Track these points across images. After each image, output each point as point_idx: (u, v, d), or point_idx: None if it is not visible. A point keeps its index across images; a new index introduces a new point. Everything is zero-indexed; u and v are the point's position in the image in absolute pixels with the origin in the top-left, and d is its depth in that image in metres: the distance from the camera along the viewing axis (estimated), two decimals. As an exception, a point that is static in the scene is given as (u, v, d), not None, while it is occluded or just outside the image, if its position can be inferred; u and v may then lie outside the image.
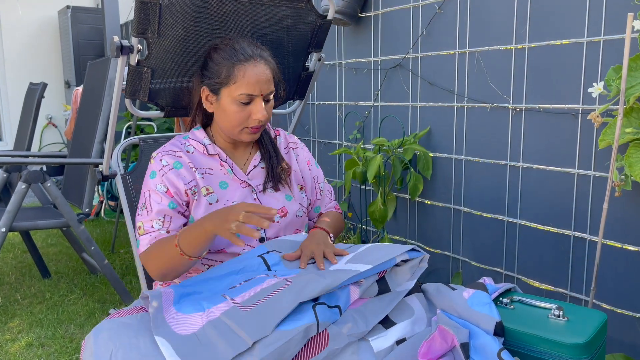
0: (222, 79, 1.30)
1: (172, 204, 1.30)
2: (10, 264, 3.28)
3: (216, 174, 1.36)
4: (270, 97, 1.33)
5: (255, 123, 1.31)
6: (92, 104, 2.81)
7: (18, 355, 2.13)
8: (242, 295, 1.10)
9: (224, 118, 1.32)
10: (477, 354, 1.04)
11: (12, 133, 6.09)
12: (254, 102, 1.30)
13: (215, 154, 1.38)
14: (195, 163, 1.35)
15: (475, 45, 2.04)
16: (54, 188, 2.48)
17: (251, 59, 1.29)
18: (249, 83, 1.27)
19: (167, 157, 1.34)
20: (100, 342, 1.06)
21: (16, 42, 6.02)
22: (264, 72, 1.29)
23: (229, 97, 1.30)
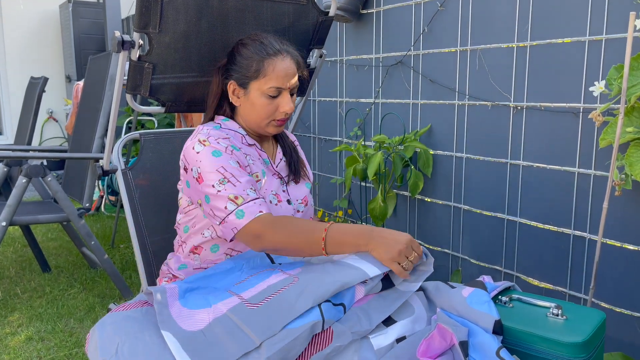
0: (252, 72, 1.33)
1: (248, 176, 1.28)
2: (11, 257, 3.28)
3: (256, 163, 1.39)
4: (295, 90, 1.38)
5: (282, 115, 1.35)
6: (93, 98, 2.81)
7: (18, 349, 2.14)
8: (248, 291, 1.10)
9: (252, 111, 1.35)
10: (476, 352, 1.04)
11: (13, 127, 6.09)
12: (281, 95, 1.34)
13: (253, 144, 1.41)
14: (243, 149, 1.37)
15: (476, 43, 2.04)
16: (55, 182, 2.48)
17: (279, 53, 1.33)
18: (278, 76, 1.31)
19: (223, 141, 1.31)
20: (105, 336, 1.07)
21: (17, 36, 6.01)
22: (291, 66, 1.34)
23: (258, 91, 1.33)
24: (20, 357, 2.08)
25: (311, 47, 1.70)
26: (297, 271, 1.15)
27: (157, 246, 1.60)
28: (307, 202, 1.46)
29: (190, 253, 1.40)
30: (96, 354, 1.06)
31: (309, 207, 1.48)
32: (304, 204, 1.45)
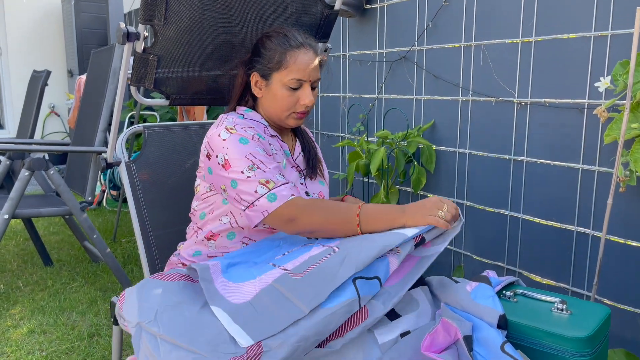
0: (274, 64, 1.34)
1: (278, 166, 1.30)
2: (13, 251, 3.29)
3: (278, 154, 1.40)
4: (317, 84, 1.39)
5: (303, 108, 1.36)
6: (96, 92, 2.80)
7: (20, 342, 2.14)
8: (291, 262, 1.12)
9: (273, 103, 1.37)
10: (480, 346, 1.04)
11: (15, 121, 6.09)
12: (302, 88, 1.35)
13: (275, 136, 1.42)
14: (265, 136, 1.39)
15: (481, 39, 2.04)
16: (57, 176, 2.48)
17: (302, 46, 1.34)
18: (300, 69, 1.33)
19: (249, 129, 1.33)
20: (145, 298, 1.09)
21: (19, 31, 6.00)
22: (313, 59, 1.35)
23: (279, 82, 1.34)
24: (22, 349, 2.08)
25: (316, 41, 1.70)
26: (336, 242, 1.16)
27: (160, 240, 1.60)
28: (324, 197, 1.48)
29: (205, 239, 1.40)
30: (133, 314, 1.08)
31: None
32: (321, 196, 1.47)
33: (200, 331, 1.01)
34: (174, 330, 1.00)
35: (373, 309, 1.03)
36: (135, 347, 1.05)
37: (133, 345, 1.05)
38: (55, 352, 2.06)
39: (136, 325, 1.06)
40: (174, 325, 1.01)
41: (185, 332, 0.99)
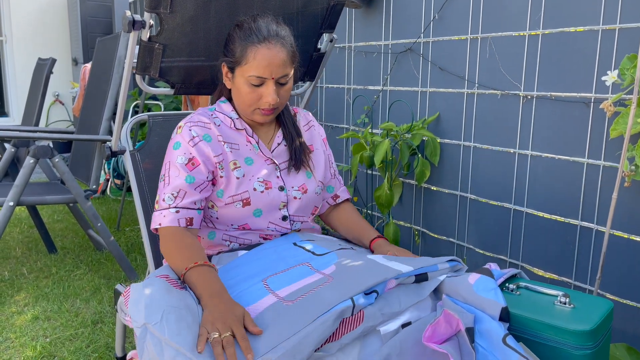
0: (236, 58, 1.30)
1: (190, 178, 1.29)
2: (17, 238, 3.30)
3: (242, 149, 1.36)
4: (286, 80, 1.31)
5: (266, 106, 1.31)
6: (101, 80, 2.80)
7: (24, 328, 2.16)
8: (285, 289, 1.10)
9: (237, 97, 1.34)
10: (482, 338, 1.04)
11: (20, 109, 6.09)
12: (265, 85, 1.29)
13: (242, 129, 1.38)
14: (223, 136, 1.36)
15: (487, 31, 2.02)
16: (62, 164, 2.49)
17: (265, 41, 1.27)
18: (260, 65, 1.26)
19: (197, 128, 1.33)
20: (154, 297, 1.07)
21: (24, 18, 5.99)
22: (277, 55, 1.27)
23: (241, 77, 1.30)
24: (26, 335, 2.10)
25: (322, 32, 1.69)
26: (332, 269, 1.16)
27: (164, 228, 1.61)
28: (307, 190, 1.41)
29: None
30: (140, 313, 1.05)
31: (311, 195, 1.42)
32: (302, 191, 1.40)
33: None
34: (179, 335, 0.98)
35: (369, 315, 1.03)
36: (139, 347, 1.03)
37: (137, 346, 1.05)
38: (59, 338, 2.08)
39: (142, 325, 1.03)
40: (179, 329, 0.99)
41: (188, 340, 0.99)
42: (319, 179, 1.46)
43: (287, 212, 1.39)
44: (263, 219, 1.35)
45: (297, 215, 1.41)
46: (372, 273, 1.11)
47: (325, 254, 1.25)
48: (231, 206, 1.32)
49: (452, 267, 1.21)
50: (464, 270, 1.24)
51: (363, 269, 1.13)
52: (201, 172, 1.30)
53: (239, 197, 1.32)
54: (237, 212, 1.33)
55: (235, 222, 1.34)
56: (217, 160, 1.32)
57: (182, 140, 1.32)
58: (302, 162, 1.41)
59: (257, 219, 1.35)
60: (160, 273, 1.20)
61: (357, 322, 1.02)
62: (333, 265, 1.18)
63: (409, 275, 1.13)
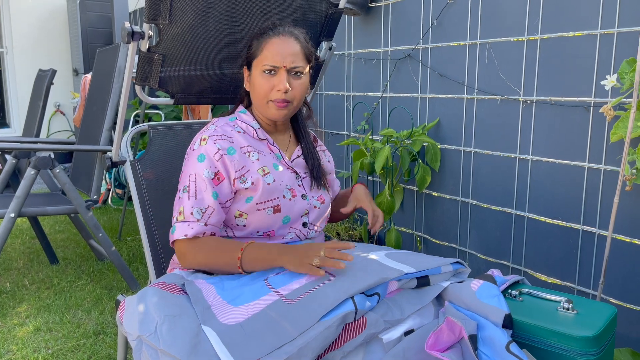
0: (253, 51, 1.36)
1: (215, 194, 1.29)
2: (19, 249, 3.30)
3: (268, 157, 1.39)
4: (300, 71, 1.34)
5: (278, 95, 1.32)
6: (101, 91, 2.81)
7: (26, 340, 2.15)
8: (286, 287, 1.11)
9: (254, 92, 1.36)
10: (485, 346, 1.04)
11: (21, 120, 6.11)
12: (277, 74, 1.32)
13: (265, 139, 1.41)
14: (249, 142, 1.38)
15: (486, 37, 2.03)
16: (63, 174, 2.49)
17: (280, 34, 1.34)
18: (273, 54, 1.31)
19: (222, 142, 1.33)
20: (146, 311, 1.08)
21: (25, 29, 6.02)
22: (290, 45, 1.32)
23: (257, 69, 1.34)
24: (28, 347, 2.09)
25: (320, 40, 1.70)
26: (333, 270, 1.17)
27: (165, 238, 1.61)
28: (324, 201, 1.45)
29: None
30: (134, 326, 1.07)
31: (327, 205, 1.46)
32: (320, 201, 1.44)
33: (198, 348, 1.00)
34: (174, 344, 0.99)
35: (372, 322, 1.03)
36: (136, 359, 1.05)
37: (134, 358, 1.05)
38: (61, 350, 2.07)
39: (137, 338, 1.05)
40: (173, 339, 1.00)
41: (184, 348, 0.99)
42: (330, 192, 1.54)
43: (308, 220, 1.41)
44: (287, 226, 1.37)
45: (314, 224, 1.44)
46: (373, 272, 1.11)
47: None
48: (262, 212, 1.32)
49: (455, 270, 1.21)
50: (467, 273, 1.24)
51: (365, 268, 1.14)
52: (225, 187, 1.31)
53: (271, 203, 1.33)
54: (268, 219, 1.33)
55: (264, 228, 1.34)
56: (238, 175, 1.32)
57: (207, 153, 1.31)
58: (320, 181, 1.45)
59: (284, 225, 1.36)
60: (156, 282, 1.20)
61: (360, 329, 1.01)
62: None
63: (410, 278, 1.13)
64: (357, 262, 1.18)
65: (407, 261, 1.18)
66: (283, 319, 1.02)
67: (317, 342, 0.97)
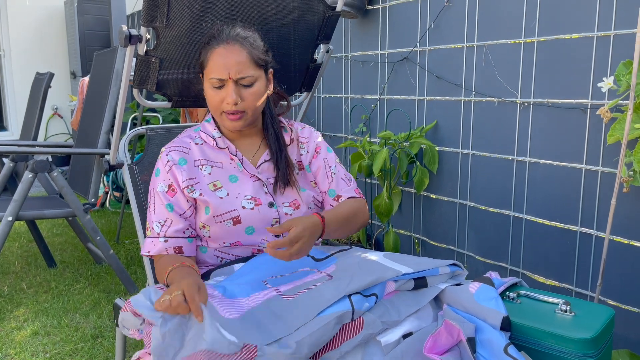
0: (200, 63, 1.33)
1: (170, 205, 1.30)
2: (16, 253, 3.29)
3: (226, 168, 1.35)
4: (249, 81, 1.28)
5: (228, 108, 1.28)
6: (99, 94, 2.81)
7: (24, 344, 2.14)
8: (285, 285, 1.14)
9: (207, 103, 1.34)
10: (483, 349, 1.04)
11: (18, 123, 6.10)
12: (225, 87, 1.28)
13: (225, 147, 1.37)
14: (204, 156, 1.36)
15: (483, 39, 2.03)
16: (61, 178, 2.49)
17: (223, 43, 1.28)
18: (217, 66, 1.27)
19: (174, 153, 1.34)
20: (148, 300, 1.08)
21: (22, 33, 6.02)
22: (234, 55, 1.26)
23: (206, 82, 1.31)
24: (26, 351, 2.08)
25: (318, 42, 1.70)
26: (332, 269, 1.18)
27: (163, 241, 1.60)
28: (299, 206, 1.36)
29: None
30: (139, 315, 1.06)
31: (304, 211, 1.36)
32: (293, 207, 1.35)
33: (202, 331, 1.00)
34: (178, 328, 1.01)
35: (369, 322, 1.03)
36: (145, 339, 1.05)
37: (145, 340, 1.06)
38: (59, 353, 2.07)
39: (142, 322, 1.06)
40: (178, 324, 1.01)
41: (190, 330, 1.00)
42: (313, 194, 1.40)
43: None
44: (256, 236, 1.33)
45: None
46: (371, 271, 1.12)
47: (326, 257, 1.27)
48: (222, 225, 1.31)
49: (452, 272, 1.21)
50: (464, 276, 1.24)
51: (362, 268, 1.14)
52: (180, 198, 1.31)
53: (228, 215, 1.30)
54: (229, 231, 1.31)
55: (227, 239, 1.33)
56: (185, 185, 1.31)
57: (161, 166, 1.34)
58: (287, 180, 1.36)
59: (249, 236, 1.33)
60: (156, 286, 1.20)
61: (357, 330, 1.02)
62: (333, 265, 1.20)
63: (408, 278, 1.13)
64: (354, 262, 1.18)
65: (405, 262, 1.18)
66: (281, 312, 1.03)
67: (312, 338, 0.97)
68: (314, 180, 1.44)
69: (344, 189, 1.44)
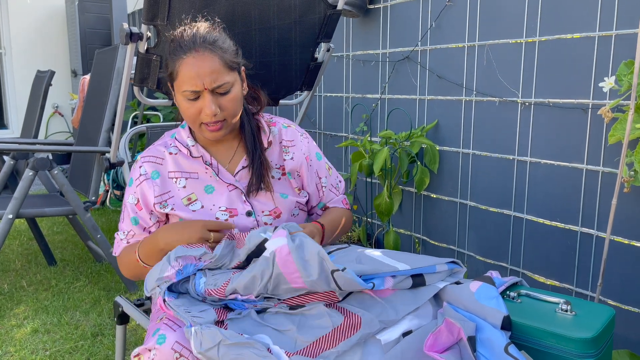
0: (169, 74, 1.23)
1: (135, 219, 1.30)
2: (17, 250, 3.30)
3: (201, 178, 1.30)
4: (226, 89, 1.21)
5: (208, 119, 1.20)
6: (100, 92, 2.81)
7: (24, 341, 2.14)
8: None
9: (182, 115, 1.25)
10: (484, 348, 1.03)
11: (19, 121, 6.10)
12: (202, 98, 1.19)
13: (199, 156, 1.30)
14: (178, 167, 1.30)
15: (485, 39, 2.03)
16: (61, 175, 2.49)
17: (191, 51, 1.18)
18: (189, 78, 1.17)
19: (147, 165, 1.30)
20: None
21: (23, 31, 6.02)
22: (206, 63, 1.17)
23: (178, 94, 1.22)
24: (26, 349, 2.09)
25: (319, 41, 1.70)
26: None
27: (164, 239, 1.60)
28: (280, 214, 1.31)
29: None
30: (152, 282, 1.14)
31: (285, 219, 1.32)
32: (273, 216, 1.30)
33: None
34: None
35: (367, 321, 1.03)
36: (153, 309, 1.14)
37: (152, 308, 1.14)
38: (59, 351, 2.07)
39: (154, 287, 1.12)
40: None
41: None
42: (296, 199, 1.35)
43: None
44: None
45: None
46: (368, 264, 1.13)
47: None
48: None
49: (451, 270, 1.20)
50: (463, 273, 1.23)
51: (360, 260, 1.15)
52: (145, 214, 1.30)
53: None
54: None
55: None
56: (157, 200, 1.27)
57: (134, 177, 1.31)
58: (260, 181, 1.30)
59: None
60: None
61: (355, 329, 1.01)
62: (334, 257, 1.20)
63: (405, 275, 1.13)
64: (352, 258, 1.18)
65: (402, 259, 1.17)
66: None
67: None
68: (298, 187, 1.38)
69: (332, 200, 1.46)
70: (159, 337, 1.04)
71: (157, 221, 1.31)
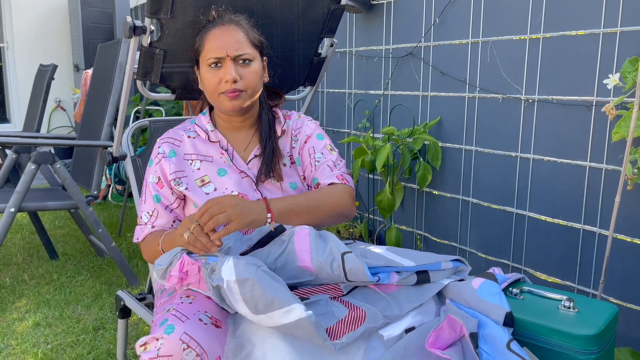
0: (196, 48, 1.33)
1: (157, 197, 1.33)
2: (18, 244, 3.30)
3: (216, 162, 1.35)
4: (247, 58, 1.29)
5: (228, 86, 1.27)
6: (102, 86, 2.81)
7: (25, 335, 2.15)
8: None
9: (205, 89, 1.33)
10: (486, 344, 1.03)
11: (21, 115, 6.11)
12: (223, 65, 1.28)
13: (217, 141, 1.37)
14: (195, 149, 1.36)
15: (488, 35, 2.02)
16: (63, 169, 2.49)
17: (218, 25, 1.30)
18: (214, 46, 1.27)
19: (165, 145, 1.36)
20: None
21: (26, 25, 6.02)
22: (230, 33, 1.28)
23: (203, 65, 1.31)
24: (27, 342, 2.09)
25: (322, 37, 1.69)
26: None
27: (166, 234, 1.60)
28: None
29: None
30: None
31: None
32: None
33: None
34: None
35: (371, 315, 1.03)
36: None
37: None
38: (61, 345, 2.07)
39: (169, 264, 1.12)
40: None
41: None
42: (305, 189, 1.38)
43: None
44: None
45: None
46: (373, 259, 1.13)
47: None
48: None
49: (456, 268, 1.21)
50: (467, 272, 1.23)
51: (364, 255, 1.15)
52: (166, 190, 1.33)
53: None
54: None
55: None
56: (172, 177, 1.32)
57: (154, 157, 1.36)
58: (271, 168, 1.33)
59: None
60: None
61: (359, 322, 1.01)
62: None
63: (410, 271, 1.13)
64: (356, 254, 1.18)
65: (408, 256, 1.18)
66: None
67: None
68: (304, 175, 1.40)
69: (325, 175, 1.36)
70: (168, 327, 1.03)
71: (177, 197, 1.34)
